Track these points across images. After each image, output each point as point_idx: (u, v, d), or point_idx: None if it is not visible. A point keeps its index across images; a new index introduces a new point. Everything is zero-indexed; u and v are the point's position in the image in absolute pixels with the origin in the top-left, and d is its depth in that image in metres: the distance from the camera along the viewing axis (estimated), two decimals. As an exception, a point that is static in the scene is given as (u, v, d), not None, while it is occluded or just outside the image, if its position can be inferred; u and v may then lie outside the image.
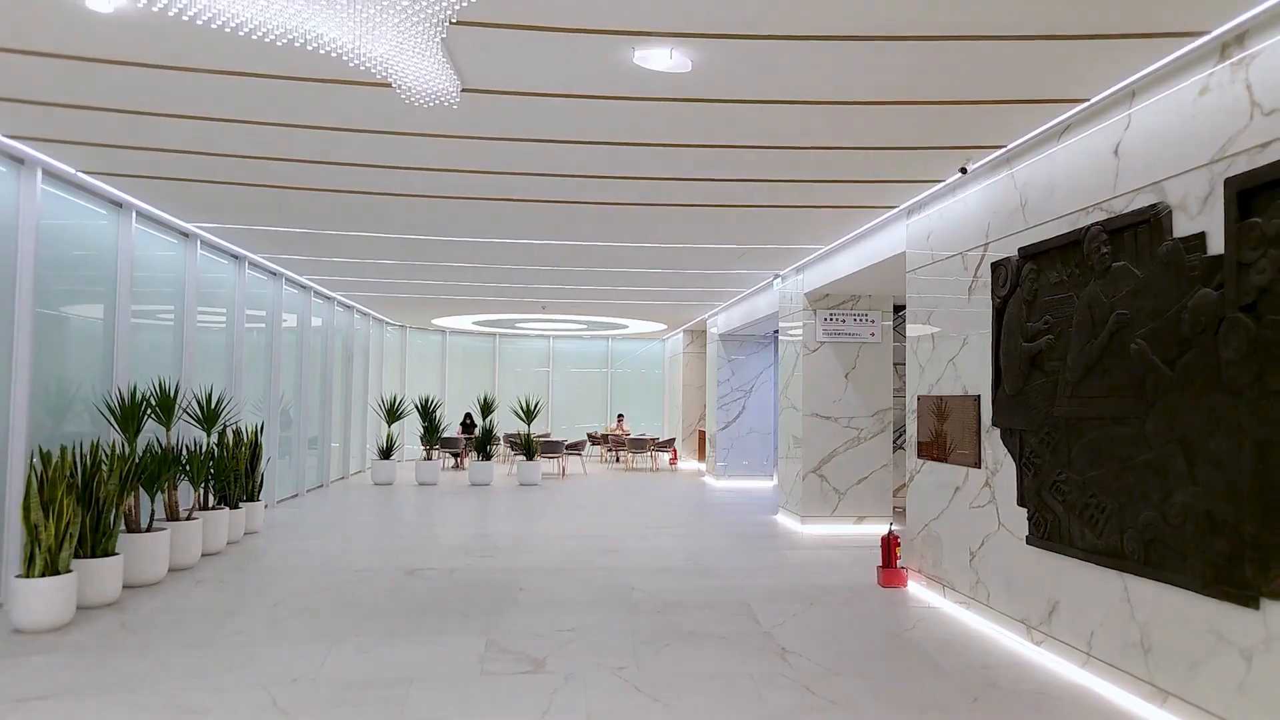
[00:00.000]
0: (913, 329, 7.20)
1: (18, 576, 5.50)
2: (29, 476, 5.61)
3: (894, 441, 10.41)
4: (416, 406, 16.22)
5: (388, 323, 19.27)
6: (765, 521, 10.86)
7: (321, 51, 3.73)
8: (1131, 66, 4.23)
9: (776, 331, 13.31)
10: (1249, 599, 3.60)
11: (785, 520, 10.78)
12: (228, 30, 3.59)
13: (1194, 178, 4.00)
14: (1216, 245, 3.84)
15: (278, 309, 11.78)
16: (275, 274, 11.62)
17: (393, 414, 15.84)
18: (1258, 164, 3.62)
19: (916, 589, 6.88)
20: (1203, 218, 3.94)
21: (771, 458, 15.47)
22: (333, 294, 14.26)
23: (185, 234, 8.79)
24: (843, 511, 10.12)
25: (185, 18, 3.48)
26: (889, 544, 7.08)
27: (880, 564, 7.12)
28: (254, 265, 10.77)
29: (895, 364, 10.31)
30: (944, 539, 6.49)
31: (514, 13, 3.67)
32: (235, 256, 10.20)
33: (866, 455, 10.23)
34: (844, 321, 10.35)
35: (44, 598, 5.42)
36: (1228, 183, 3.76)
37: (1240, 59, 3.77)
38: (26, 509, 5.50)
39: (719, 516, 11.55)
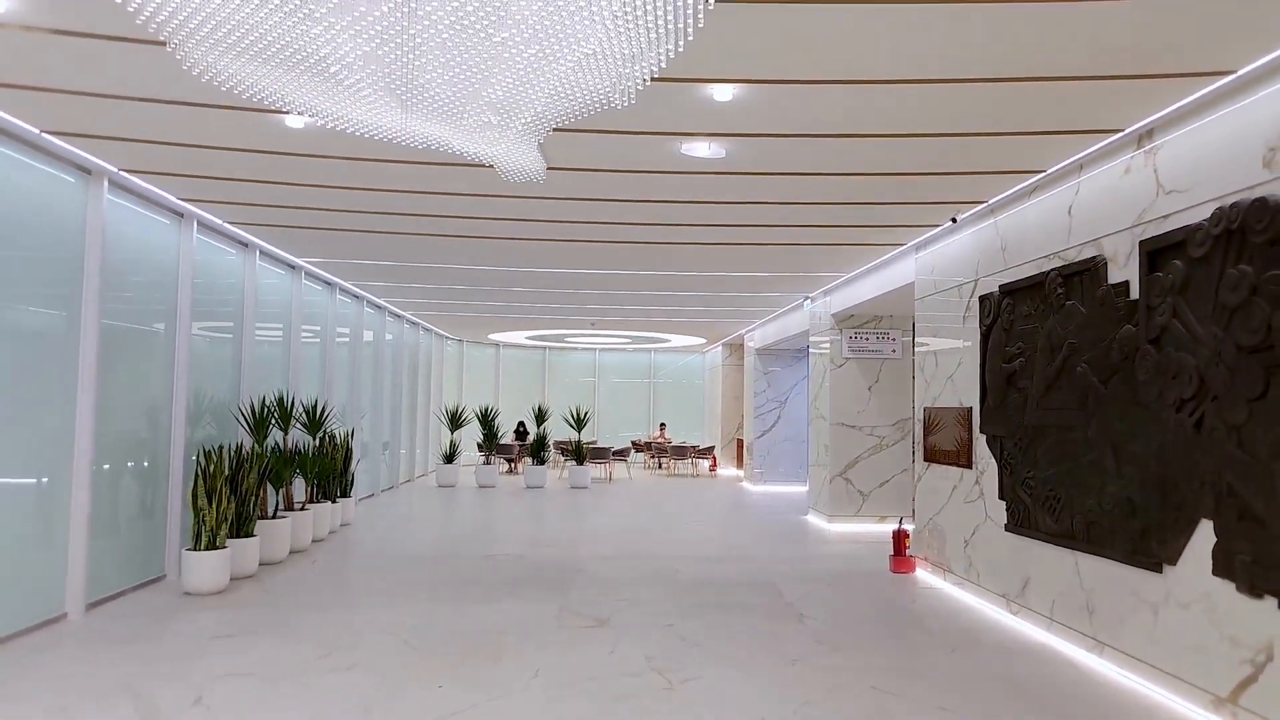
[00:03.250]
0: (919, 349, 8.30)
1: (187, 549, 6.89)
2: (196, 471, 7.00)
3: (914, 448, 11.43)
4: (477, 415, 17.62)
5: (447, 337, 20.76)
6: (796, 521, 11.98)
7: (446, 150, 5.01)
8: (1075, 149, 5.34)
9: (809, 346, 14.40)
10: (1155, 565, 4.68)
11: (814, 520, 11.88)
12: (380, 139, 4.88)
13: (1121, 238, 5.10)
14: (1135, 292, 4.94)
15: (360, 327, 13.26)
16: (358, 297, 13.09)
17: (455, 422, 17.24)
18: (1161, 231, 4.72)
19: (923, 574, 7.97)
20: (1126, 270, 5.04)
21: (805, 464, 16.50)
22: (402, 313, 15.73)
23: (292, 266, 10.25)
24: (866, 511, 11.18)
25: (352, 131, 4.77)
26: (899, 536, 8.18)
27: (891, 553, 8.22)
28: (343, 291, 12.23)
29: (914, 378, 11.35)
30: (945, 530, 7.57)
31: (592, 122, 4.91)
32: (328, 283, 11.66)
33: (888, 461, 11.29)
34: (868, 339, 11.43)
35: (208, 567, 6.80)
36: (1141, 244, 4.87)
37: (1150, 149, 4.87)
38: (194, 496, 6.89)
39: (754, 516, 12.69)
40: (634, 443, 22.12)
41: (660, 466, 21.72)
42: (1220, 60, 3.99)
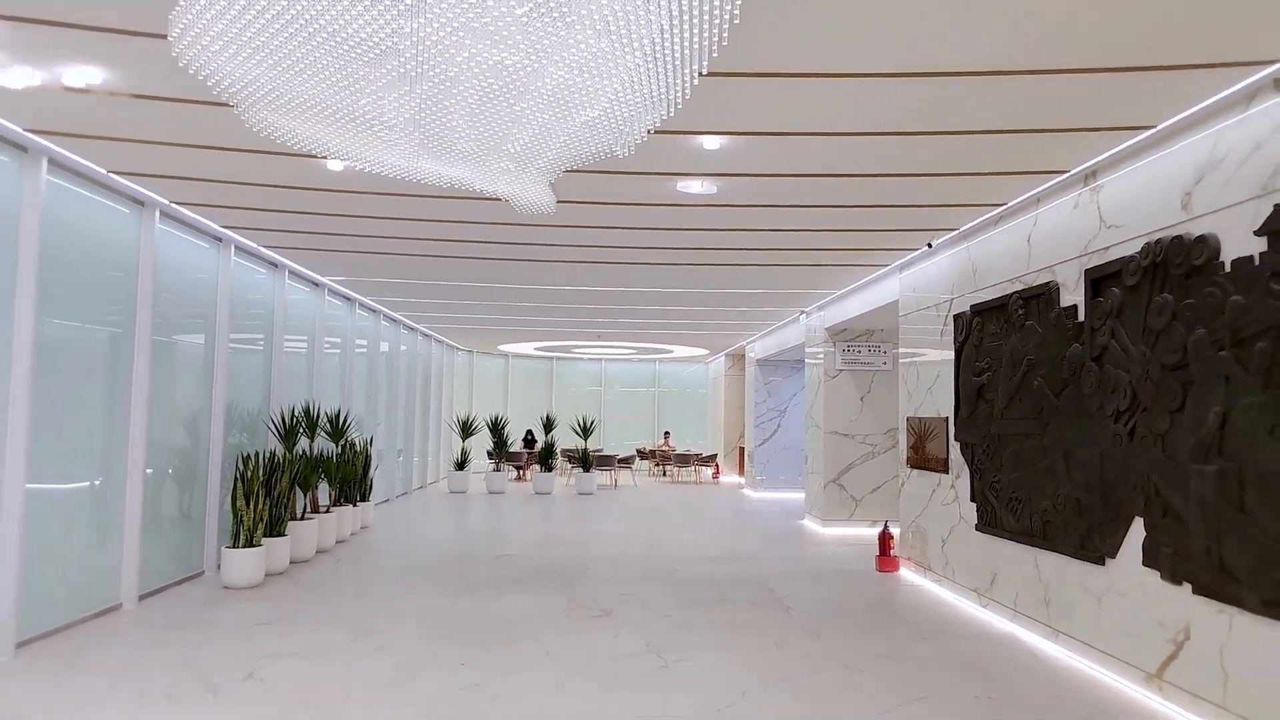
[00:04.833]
0: (903, 362, 8.90)
1: (227, 547, 7.51)
2: (235, 475, 7.63)
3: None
4: (487, 424, 18.26)
5: (458, 348, 21.41)
6: (793, 525, 12.55)
7: (467, 189, 5.63)
8: (1031, 186, 5.95)
9: (805, 358, 14.97)
10: (1099, 559, 5.26)
11: (810, 524, 12.45)
12: (408, 180, 5.50)
13: (1070, 266, 5.69)
14: (1081, 315, 5.53)
15: (377, 339, 13.91)
16: (375, 311, 13.74)
17: (466, 430, 17.87)
18: (1103, 261, 5.31)
19: (906, 573, 8.53)
20: (1075, 294, 5.63)
21: (803, 471, 17.07)
22: (416, 325, 16.38)
23: (316, 284, 10.90)
24: (858, 516, 11.75)
25: (386, 173, 5.40)
26: (884, 537, 8.76)
27: (877, 553, 8.79)
28: (362, 306, 12.89)
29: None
30: (926, 531, 8.14)
31: (598, 165, 5.53)
32: (348, 299, 12.32)
33: (879, 467, 11.86)
34: (860, 352, 12.02)
35: (246, 563, 7.42)
36: (1086, 272, 5.46)
37: (1094, 187, 5.47)
38: (234, 498, 7.52)
39: (753, 521, 13.27)
40: (639, 450, 22.70)
41: (664, 474, 22.29)
42: (1143, 116, 4.59)
